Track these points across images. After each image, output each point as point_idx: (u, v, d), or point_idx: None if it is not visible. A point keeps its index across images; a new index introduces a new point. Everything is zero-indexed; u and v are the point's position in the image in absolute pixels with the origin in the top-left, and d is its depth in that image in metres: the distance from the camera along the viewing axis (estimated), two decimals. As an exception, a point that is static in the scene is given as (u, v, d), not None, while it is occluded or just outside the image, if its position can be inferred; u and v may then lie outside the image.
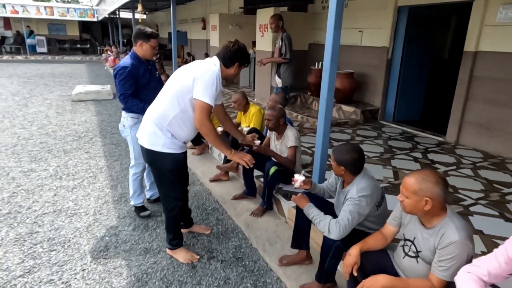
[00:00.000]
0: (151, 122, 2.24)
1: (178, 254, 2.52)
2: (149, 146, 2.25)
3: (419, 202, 1.58)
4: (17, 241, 2.70)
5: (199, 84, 2.09)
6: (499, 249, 1.42)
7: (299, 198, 2.13)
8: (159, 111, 2.22)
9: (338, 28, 2.34)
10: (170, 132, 2.23)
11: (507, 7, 4.11)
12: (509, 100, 4.25)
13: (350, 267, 1.75)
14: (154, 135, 2.23)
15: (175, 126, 2.22)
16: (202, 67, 2.17)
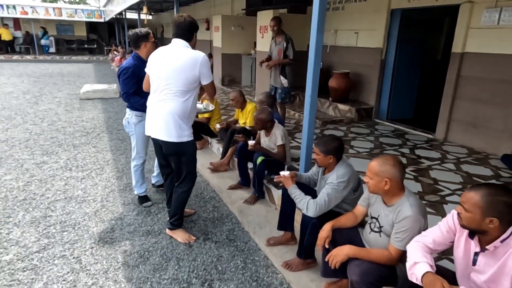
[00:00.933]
0: (175, 117, 2.47)
1: (177, 234, 2.78)
2: (179, 139, 2.51)
3: (380, 182, 1.84)
4: (32, 223, 3.00)
5: (205, 73, 2.47)
6: (442, 221, 1.68)
7: (286, 179, 2.40)
8: (178, 106, 2.47)
9: (321, 32, 2.59)
10: (190, 121, 2.59)
11: (490, 10, 4.34)
12: (492, 98, 4.48)
13: (322, 240, 2.02)
14: (181, 129, 2.51)
15: (191, 114, 2.59)
16: (196, 57, 2.43)
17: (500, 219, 1.39)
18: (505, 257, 1.42)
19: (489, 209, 1.40)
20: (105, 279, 2.34)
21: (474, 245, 1.54)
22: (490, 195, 1.41)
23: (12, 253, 2.57)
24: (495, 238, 1.44)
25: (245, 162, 3.63)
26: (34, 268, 2.42)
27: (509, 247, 1.41)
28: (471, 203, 1.44)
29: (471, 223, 1.45)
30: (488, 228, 1.42)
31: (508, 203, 1.40)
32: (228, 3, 11.87)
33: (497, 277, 1.45)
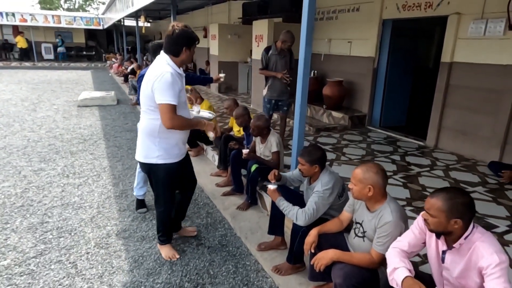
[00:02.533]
0: (143, 135, 2.40)
1: (163, 249, 2.73)
2: (144, 159, 2.43)
3: (363, 189, 1.93)
4: (30, 229, 3.07)
5: (157, 91, 2.19)
6: (413, 224, 1.78)
7: (272, 192, 2.49)
8: (146, 124, 2.37)
9: (309, 45, 2.70)
10: (163, 141, 2.36)
11: (477, 22, 4.48)
12: (480, 107, 4.60)
13: (309, 245, 2.10)
14: (148, 148, 2.39)
15: (166, 132, 2.34)
16: (155, 72, 2.23)
17: (462, 219, 1.51)
18: (470, 253, 1.53)
19: (452, 211, 1.51)
20: (100, 283, 2.41)
21: (441, 244, 1.65)
22: (450, 199, 1.52)
23: (10, 258, 2.64)
24: (460, 236, 1.55)
25: (239, 169, 3.72)
26: (31, 273, 2.49)
27: (471, 243, 1.52)
28: (435, 209, 1.54)
29: (439, 227, 1.56)
30: (453, 229, 1.53)
31: (465, 203, 1.52)
32: (225, 12, 12.05)
33: (465, 272, 1.55)
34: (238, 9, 10.81)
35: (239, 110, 3.89)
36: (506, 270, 1.45)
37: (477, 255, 1.50)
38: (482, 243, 1.51)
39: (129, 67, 12.50)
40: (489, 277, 1.45)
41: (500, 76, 4.31)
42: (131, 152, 5.19)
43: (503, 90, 4.29)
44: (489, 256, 1.46)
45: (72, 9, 36.20)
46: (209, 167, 4.61)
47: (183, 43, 2.28)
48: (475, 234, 1.55)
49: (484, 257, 1.47)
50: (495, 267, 1.43)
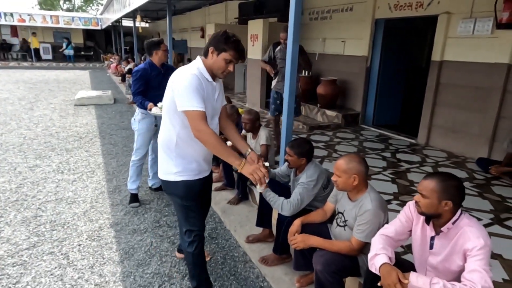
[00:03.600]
0: (161, 150, 2.06)
1: None
2: (163, 176, 2.05)
3: (348, 179, 1.99)
4: (23, 222, 3.13)
5: (179, 96, 1.84)
6: (400, 213, 1.85)
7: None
8: (164, 137, 2.02)
9: (296, 42, 2.77)
10: (180, 156, 2.00)
11: (465, 21, 4.56)
12: (469, 104, 4.68)
13: (292, 234, 2.17)
14: (166, 163, 2.03)
15: (184, 147, 1.98)
16: (178, 75, 1.90)
17: (453, 201, 1.57)
18: (457, 237, 1.59)
19: (443, 192, 1.57)
20: (91, 273, 2.47)
21: (429, 230, 1.71)
22: (443, 181, 1.59)
23: (3, 250, 2.70)
24: (448, 220, 1.61)
25: (230, 165, 3.77)
26: (23, 263, 2.55)
27: (459, 228, 1.59)
28: (429, 190, 1.60)
29: (430, 209, 1.61)
30: (443, 211, 1.59)
31: (457, 186, 1.59)
32: (222, 12, 12.12)
33: (450, 256, 1.62)
34: (235, 9, 10.89)
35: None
36: (488, 254, 1.51)
37: (464, 239, 1.56)
38: (470, 227, 1.57)
39: (126, 67, 12.56)
40: (472, 258, 1.51)
41: (488, 74, 4.39)
42: (126, 149, 5.25)
43: (491, 87, 4.37)
44: (475, 239, 1.52)
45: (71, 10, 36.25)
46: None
47: (212, 43, 1.91)
48: (463, 219, 1.61)
49: (470, 240, 1.53)
50: (480, 249, 1.49)
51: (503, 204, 3.29)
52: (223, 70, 1.94)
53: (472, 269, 1.48)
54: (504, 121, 4.30)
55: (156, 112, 3.17)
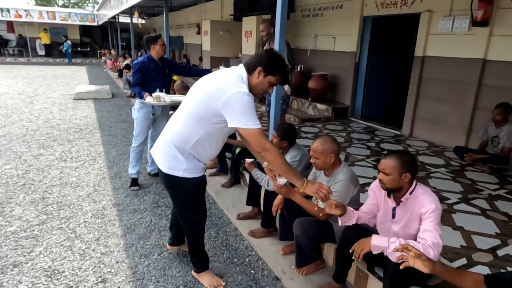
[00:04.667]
0: (171, 145, 2.01)
1: (203, 277, 2.36)
2: (169, 171, 2.04)
3: (326, 158, 2.27)
4: (32, 203, 3.39)
5: (236, 112, 1.82)
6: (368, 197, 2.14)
7: (249, 165, 2.84)
8: (181, 134, 1.99)
9: (283, 37, 3.04)
10: (192, 155, 2.02)
11: (445, 18, 4.86)
12: (449, 97, 4.98)
13: (276, 207, 2.46)
14: (175, 159, 2.02)
15: (199, 149, 2.02)
16: (230, 88, 1.83)
17: (410, 173, 1.86)
18: (413, 204, 1.88)
19: (402, 167, 1.85)
20: (97, 244, 2.75)
21: (391, 202, 2.01)
22: (401, 157, 1.88)
23: (16, 226, 2.97)
24: (406, 191, 1.90)
25: (223, 152, 4.06)
26: (35, 236, 2.82)
27: (415, 197, 1.89)
28: (389, 167, 1.88)
29: (393, 183, 1.90)
30: (403, 183, 1.88)
31: (412, 159, 1.89)
32: (217, 9, 12.34)
33: (408, 222, 1.91)
34: (230, 6, 11.13)
35: None
36: (439, 216, 1.80)
37: (419, 205, 1.85)
38: (424, 195, 1.87)
39: (123, 62, 12.76)
40: (426, 220, 1.80)
41: (465, 69, 4.69)
42: (125, 140, 5.51)
43: (468, 81, 4.67)
44: (428, 204, 1.81)
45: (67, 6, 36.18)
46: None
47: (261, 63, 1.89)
48: (418, 189, 1.90)
49: (424, 205, 1.83)
50: (432, 212, 1.79)
51: (472, 187, 3.60)
52: (264, 91, 1.94)
53: (425, 229, 1.78)
54: (479, 113, 4.61)
55: (149, 101, 3.46)
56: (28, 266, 2.46)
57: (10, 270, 2.40)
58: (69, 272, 2.41)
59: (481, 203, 3.20)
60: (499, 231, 2.72)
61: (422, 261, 1.49)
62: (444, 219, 2.84)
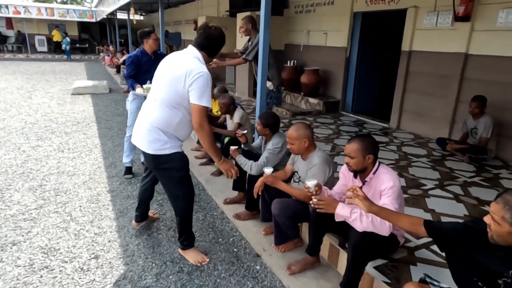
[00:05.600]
0: (155, 129, 2.20)
1: (189, 254, 2.53)
2: (157, 151, 2.22)
3: (301, 143, 2.45)
4: (30, 189, 3.57)
5: (195, 90, 2.08)
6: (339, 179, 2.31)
7: (234, 151, 3.01)
8: (163, 119, 2.19)
9: (267, 30, 3.20)
10: (174, 135, 2.24)
11: (430, 14, 5.01)
12: (434, 91, 5.15)
13: (257, 189, 2.62)
14: (160, 141, 2.21)
15: (180, 129, 2.24)
16: (192, 69, 2.10)
17: (373, 154, 2.04)
18: (376, 183, 2.06)
19: (365, 149, 2.03)
20: (91, 226, 2.93)
21: (358, 182, 2.18)
22: (363, 140, 2.05)
23: (15, 209, 3.15)
24: (370, 171, 2.08)
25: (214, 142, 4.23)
26: (33, 219, 3.00)
27: (377, 176, 2.06)
28: (354, 150, 2.06)
29: (358, 165, 2.07)
30: (367, 164, 2.06)
31: (373, 142, 2.07)
32: (214, 5, 12.46)
33: (372, 199, 2.07)
34: (226, 2, 11.24)
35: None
36: (396, 192, 1.97)
37: (380, 183, 2.03)
38: (384, 174, 2.04)
39: (121, 58, 12.89)
40: (384, 195, 1.98)
41: (449, 63, 4.86)
42: (121, 132, 5.68)
43: (451, 75, 4.84)
44: (387, 182, 1.99)
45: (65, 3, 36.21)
46: (190, 144, 5.11)
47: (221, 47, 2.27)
48: (380, 169, 2.08)
49: (384, 183, 2.01)
50: (390, 189, 1.97)
51: (450, 174, 3.78)
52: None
53: (382, 203, 1.96)
54: (462, 105, 4.78)
55: (140, 92, 3.64)
56: (26, 244, 2.64)
57: (9, 248, 2.58)
58: (64, 250, 2.59)
59: (455, 189, 3.38)
60: (467, 213, 2.90)
61: (362, 200, 1.71)
62: (417, 202, 3.04)
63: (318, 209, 1.96)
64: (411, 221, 1.70)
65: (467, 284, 1.55)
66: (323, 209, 1.95)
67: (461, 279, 1.58)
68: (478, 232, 1.46)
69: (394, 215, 1.74)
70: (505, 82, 4.28)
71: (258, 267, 2.48)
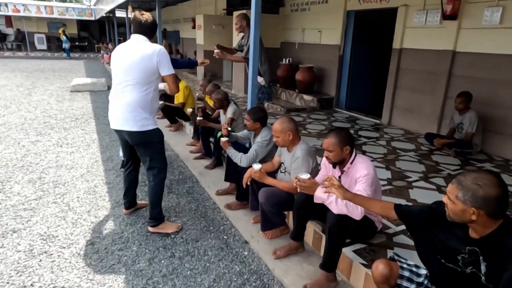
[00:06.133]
0: (137, 108, 2.53)
1: (166, 226, 2.81)
2: (143, 128, 2.58)
3: (285, 136, 2.59)
4: (30, 181, 3.70)
5: (164, 64, 2.54)
6: (320, 170, 2.44)
7: (224, 143, 3.15)
8: (140, 97, 2.54)
9: (257, 27, 3.33)
10: (150, 111, 2.62)
11: (420, 12, 5.14)
12: (423, 87, 5.28)
13: (246, 179, 2.76)
14: (145, 119, 2.58)
15: (154, 104, 2.66)
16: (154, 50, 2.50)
17: (350, 145, 2.17)
18: (353, 171, 2.19)
19: (342, 141, 2.16)
20: (88, 215, 3.07)
21: (337, 172, 2.32)
22: (339, 134, 2.18)
23: (15, 200, 3.28)
24: (347, 162, 2.21)
25: (208, 136, 4.37)
26: (32, 209, 3.14)
27: (354, 165, 2.19)
28: (332, 144, 2.19)
29: (337, 157, 2.21)
30: (345, 155, 2.19)
31: (348, 133, 2.20)
32: (212, 3, 12.57)
33: (350, 187, 2.21)
34: (224, 0, 11.36)
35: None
36: (370, 180, 2.10)
37: (356, 171, 2.17)
38: (360, 163, 2.18)
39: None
40: (359, 182, 2.11)
41: (437, 60, 4.99)
42: (118, 128, 5.80)
43: (439, 72, 4.97)
44: (362, 170, 2.13)
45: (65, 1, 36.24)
46: (186, 139, 5.26)
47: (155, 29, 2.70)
48: (357, 159, 2.22)
49: (359, 171, 2.14)
50: (364, 176, 2.10)
51: (435, 167, 3.91)
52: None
53: (357, 189, 2.09)
54: (450, 101, 4.90)
55: None
56: (26, 232, 2.77)
57: (10, 235, 2.72)
58: (63, 237, 2.72)
59: (439, 181, 3.52)
60: (447, 203, 3.03)
61: (337, 189, 1.84)
62: (400, 193, 3.18)
63: (301, 189, 2.09)
64: (382, 206, 1.84)
65: (431, 262, 1.68)
66: (305, 190, 2.08)
67: (426, 258, 1.71)
68: (440, 213, 1.59)
69: (366, 201, 1.88)
70: (490, 79, 4.41)
71: (246, 253, 2.61)
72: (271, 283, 2.30)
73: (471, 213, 1.39)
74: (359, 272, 2.16)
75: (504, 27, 4.20)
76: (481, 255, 1.45)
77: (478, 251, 1.46)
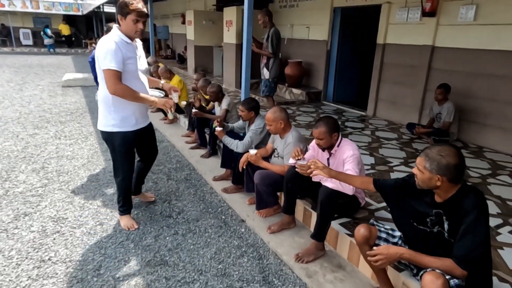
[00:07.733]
0: (100, 104, 2.50)
1: (122, 219, 2.83)
2: (102, 127, 2.54)
3: (277, 124, 2.84)
4: (33, 171, 3.88)
5: (101, 57, 2.28)
6: (309, 150, 2.71)
7: (219, 132, 3.39)
8: (103, 93, 2.43)
9: (250, 25, 3.56)
10: (118, 109, 2.42)
11: (401, 10, 5.45)
12: (405, 80, 5.61)
13: (242, 163, 3.01)
14: (104, 117, 2.49)
15: (119, 101, 2.39)
16: (99, 42, 2.35)
17: (337, 131, 2.43)
18: (340, 154, 2.46)
19: (330, 129, 2.42)
20: (93, 200, 3.28)
21: (326, 154, 2.58)
22: (327, 123, 2.44)
23: (22, 187, 3.46)
24: (334, 145, 2.48)
25: (203, 127, 4.60)
26: (40, 195, 3.33)
27: (340, 148, 2.46)
28: (322, 133, 2.45)
29: (327, 143, 2.47)
30: (334, 141, 2.46)
31: (335, 121, 2.46)
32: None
33: (337, 167, 2.49)
34: (213, -4, 11.50)
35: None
36: (356, 160, 2.38)
37: (343, 153, 2.44)
38: (347, 146, 2.45)
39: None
40: (347, 162, 2.39)
41: (417, 54, 5.31)
42: (114, 121, 5.97)
43: (420, 66, 5.30)
44: (348, 151, 2.40)
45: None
46: (181, 131, 5.47)
47: (118, 11, 2.37)
48: (343, 142, 2.49)
49: (345, 152, 2.41)
50: (351, 157, 2.37)
51: (415, 154, 4.24)
52: (136, 30, 2.37)
53: (346, 169, 2.37)
54: (429, 93, 5.24)
55: None
56: (37, 215, 2.97)
57: (22, 218, 2.91)
58: (72, 219, 2.94)
59: (418, 165, 3.83)
60: (424, 183, 3.34)
61: (322, 169, 2.09)
62: (381, 176, 3.48)
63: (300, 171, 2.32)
64: (362, 181, 2.11)
65: (405, 226, 1.97)
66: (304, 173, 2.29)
67: (400, 223, 2.00)
68: (411, 184, 1.87)
69: (348, 177, 2.15)
70: (466, 72, 4.75)
71: (243, 230, 2.88)
72: (266, 253, 2.57)
73: (436, 179, 1.67)
74: (344, 241, 2.45)
75: (478, 24, 4.54)
76: (444, 215, 1.74)
77: (442, 212, 1.75)
